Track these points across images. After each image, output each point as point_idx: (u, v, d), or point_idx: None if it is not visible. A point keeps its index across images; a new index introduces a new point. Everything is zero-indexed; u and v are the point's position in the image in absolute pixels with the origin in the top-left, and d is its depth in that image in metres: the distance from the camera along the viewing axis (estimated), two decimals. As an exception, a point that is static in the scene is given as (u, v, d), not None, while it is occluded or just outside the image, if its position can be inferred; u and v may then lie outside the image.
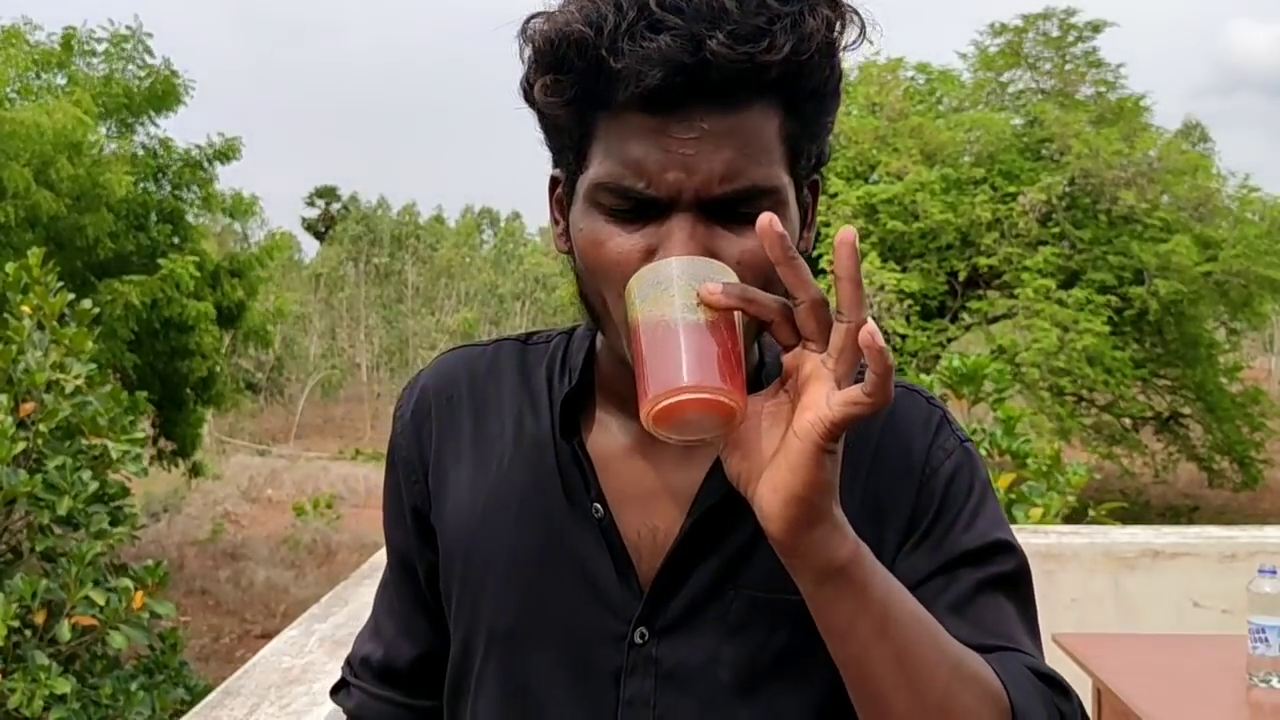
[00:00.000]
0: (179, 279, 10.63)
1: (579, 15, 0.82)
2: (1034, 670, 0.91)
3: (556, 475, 0.98)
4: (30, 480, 4.16)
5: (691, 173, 0.83)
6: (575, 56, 0.83)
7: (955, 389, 5.50)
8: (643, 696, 0.95)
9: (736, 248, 0.85)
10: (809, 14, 0.82)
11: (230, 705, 2.33)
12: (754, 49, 0.80)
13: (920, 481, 0.98)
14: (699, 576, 0.94)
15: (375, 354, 34.19)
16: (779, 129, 0.86)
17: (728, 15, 0.80)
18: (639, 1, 0.81)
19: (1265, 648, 2.60)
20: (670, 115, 0.82)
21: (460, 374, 1.07)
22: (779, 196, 0.87)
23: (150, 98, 11.69)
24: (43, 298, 4.58)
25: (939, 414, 1.02)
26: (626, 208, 0.86)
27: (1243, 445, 17.92)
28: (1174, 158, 17.60)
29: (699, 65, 0.80)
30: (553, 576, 0.97)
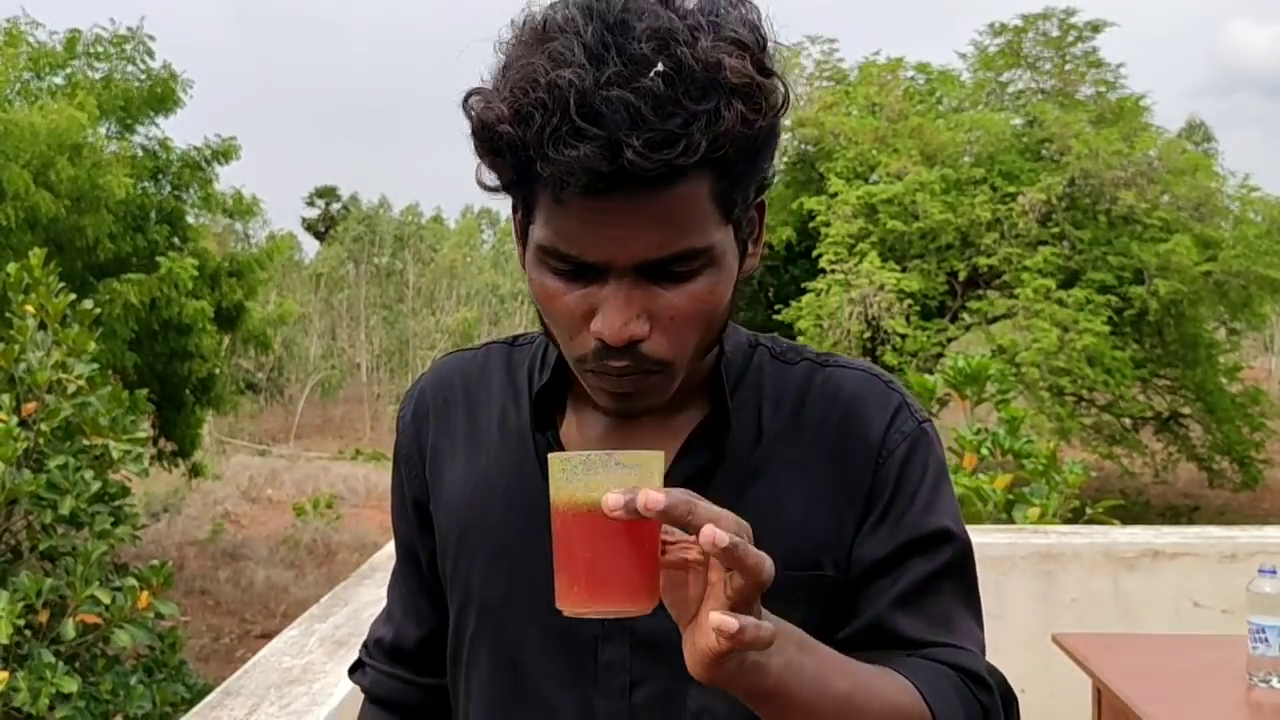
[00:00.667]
0: (178, 278, 10.63)
1: (508, 113, 0.86)
2: (959, 667, 1.00)
3: (536, 463, 1.06)
4: (34, 480, 4.17)
5: (624, 247, 0.89)
6: (506, 151, 0.88)
7: (959, 389, 5.51)
8: (619, 661, 1.03)
9: (671, 303, 0.92)
10: (724, 109, 0.84)
11: (230, 705, 2.34)
12: (669, 154, 0.83)
13: (876, 464, 1.05)
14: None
15: (375, 354, 34.20)
16: (709, 193, 0.90)
17: (644, 122, 0.83)
18: (562, 105, 0.83)
19: (1265, 648, 2.61)
20: (601, 199, 0.86)
21: (455, 377, 1.16)
22: (711, 254, 0.92)
23: (149, 99, 11.69)
24: (46, 298, 4.59)
25: (897, 398, 1.08)
26: (568, 269, 0.92)
27: (1243, 445, 17.94)
28: (1174, 158, 17.61)
29: (615, 172, 0.84)
30: (536, 554, 1.01)
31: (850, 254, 16.66)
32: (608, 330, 0.91)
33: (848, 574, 1.04)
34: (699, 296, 0.93)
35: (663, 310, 0.92)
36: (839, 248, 16.67)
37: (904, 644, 1.02)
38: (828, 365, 1.10)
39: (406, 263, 36.10)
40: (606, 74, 0.83)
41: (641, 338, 0.92)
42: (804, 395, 1.08)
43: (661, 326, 0.93)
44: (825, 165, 18.21)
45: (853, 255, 16.64)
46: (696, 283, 0.93)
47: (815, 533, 1.03)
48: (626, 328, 0.91)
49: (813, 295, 16.73)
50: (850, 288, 16.15)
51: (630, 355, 0.93)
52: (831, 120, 18.03)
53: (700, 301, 0.93)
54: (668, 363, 0.95)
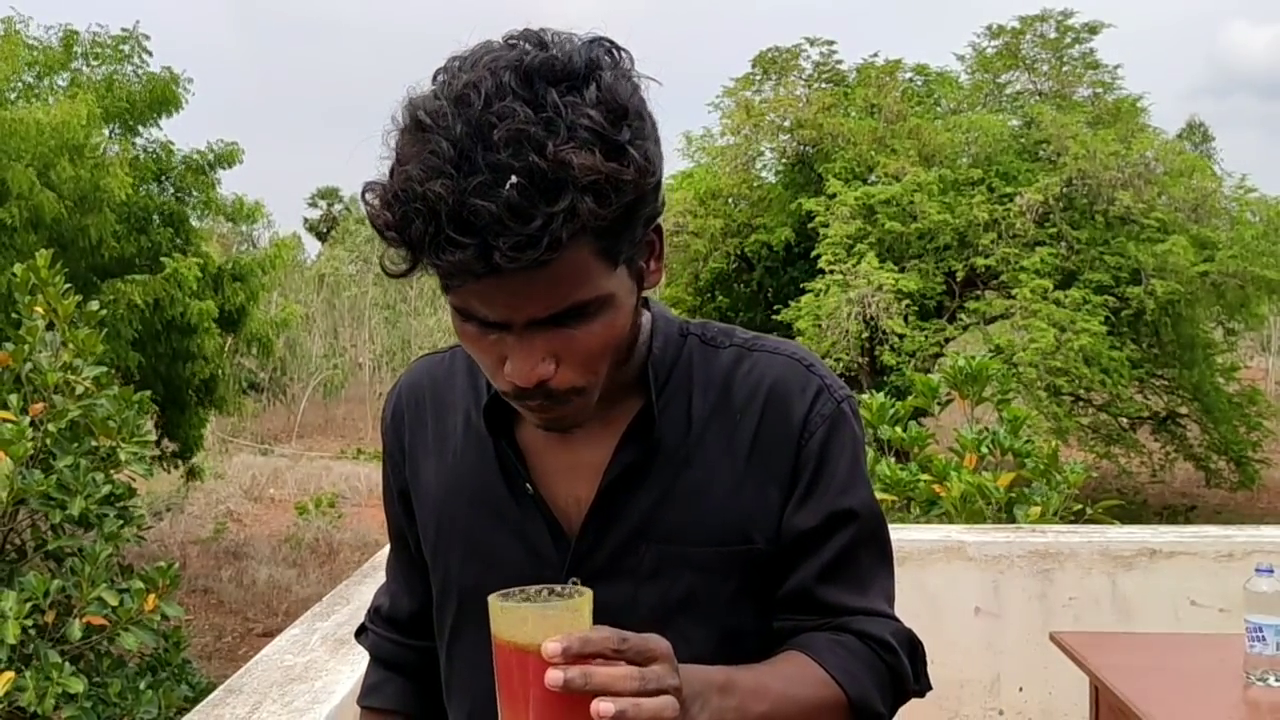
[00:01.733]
0: (182, 279, 10.64)
1: (394, 220, 0.96)
2: (867, 635, 1.15)
3: (495, 462, 1.20)
4: (44, 480, 4.19)
5: (516, 311, 0.99)
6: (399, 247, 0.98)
7: (960, 389, 5.54)
8: None
9: (574, 341, 1.02)
10: (578, 204, 0.93)
11: (233, 703, 2.35)
12: (534, 253, 0.93)
13: (799, 445, 1.16)
14: (615, 534, 1.15)
15: (377, 354, 34.17)
16: (592, 252, 0.99)
17: (508, 229, 0.92)
18: (435, 217, 0.93)
19: (1262, 646, 2.62)
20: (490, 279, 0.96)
21: (424, 380, 1.30)
22: (601, 300, 1.02)
23: (150, 101, 11.69)
24: (55, 299, 4.60)
25: (817, 381, 1.19)
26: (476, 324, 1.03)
27: (1239, 445, 17.94)
28: (1171, 159, 17.62)
29: (491, 269, 0.94)
30: (502, 544, 1.19)
31: (848, 255, 16.67)
32: (517, 377, 1.02)
33: (777, 544, 1.16)
34: (597, 334, 1.03)
35: (566, 348, 1.02)
36: (837, 248, 16.68)
37: (826, 610, 1.16)
38: (754, 350, 1.21)
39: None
40: (472, 184, 0.91)
41: (548, 377, 1.03)
42: (730, 381, 1.18)
43: (568, 362, 1.03)
44: (824, 166, 18.22)
45: (851, 256, 16.65)
46: (593, 324, 1.02)
47: (744, 510, 1.15)
48: (533, 372, 1.02)
49: (811, 296, 16.74)
50: (848, 288, 16.16)
51: (541, 394, 1.04)
52: (830, 122, 18.04)
53: (599, 338, 1.03)
54: (580, 388, 1.06)
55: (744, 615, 1.17)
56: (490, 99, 0.94)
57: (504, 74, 0.95)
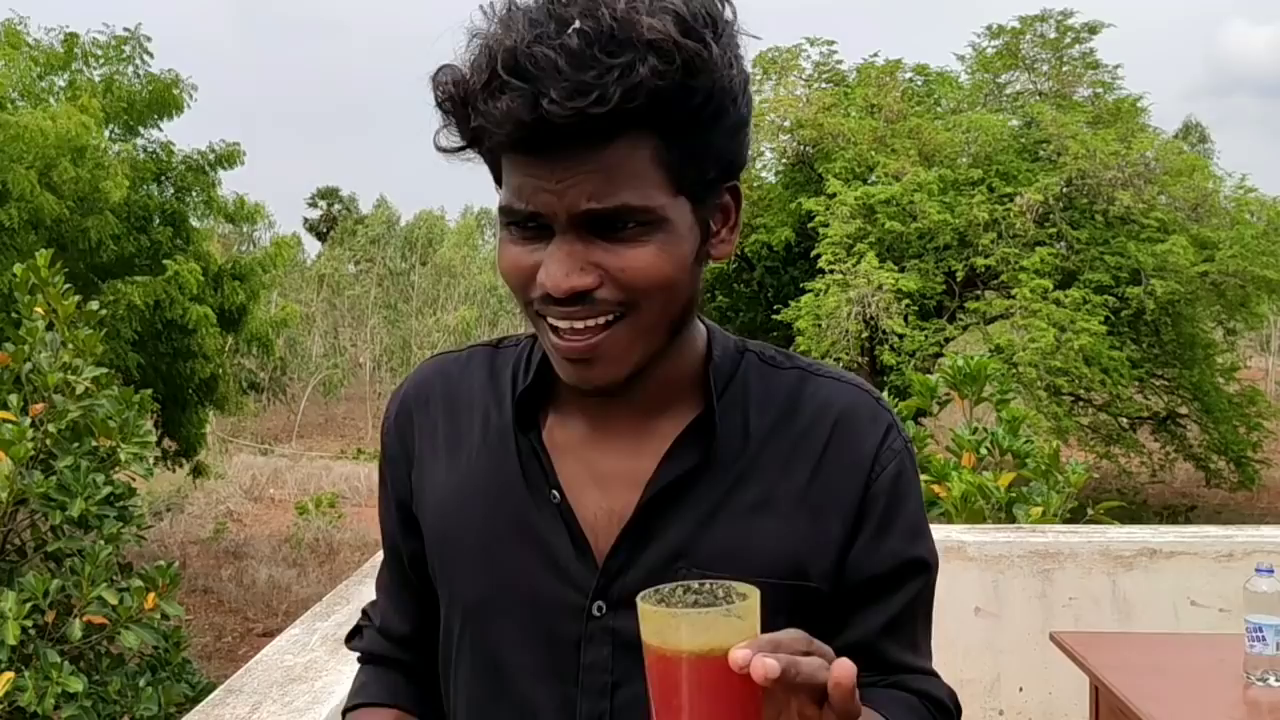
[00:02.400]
0: (182, 281, 10.65)
1: (451, 74, 0.93)
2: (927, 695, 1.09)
3: (518, 464, 1.08)
4: (44, 481, 4.19)
5: (560, 199, 0.92)
6: (450, 109, 0.95)
7: (959, 389, 5.53)
8: (601, 663, 1.04)
9: (621, 261, 0.95)
10: (639, 64, 0.88)
11: (233, 703, 2.35)
12: (582, 103, 0.87)
13: (868, 479, 1.07)
14: (651, 554, 1.03)
15: (377, 354, 34.17)
16: (653, 155, 0.93)
17: (560, 74, 0.87)
18: (490, 64, 0.90)
19: (1262, 646, 2.63)
20: (538, 154, 0.92)
21: (435, 379, 1.18)
22: (653, 215, 0.95)
23: (152, 103, 11.70)
24: (56, 299, 4.60)
25: (887, 415, 1.11)
26: (521, 230, 0.97)
27: (1239, 445, 17.94)
28: (1171, 158, 17.63)
29: (536, 121, 0.89)
30: (518, 555, 1.07)
31: (848, 254, 16.67)
32: (549, 281, 0.94)
33: (836, 586, 1.06)
34: (647, 258, 0.95)
35: (612, 265, 0.95)
36: (837, 248, 16.67)
37: (886, 667, 1.08)
38: (819, 375, 1.11)
39: (414, 264, 36.08)
40: (535, 32, 0.89)
41: (586, 288, 0.95)
42: (794, 401, 1.09)
43: (613, 280, 0.95)
44: (824, 166, 18.22)
45: (851, 256, 16.65)
46: (645, 246, 0.95)
47: (800, 540, 1.04)
48: (568, 279, 0.94)
49: (811, 295, 16.74)
50: (848, 288, 16.16)
51: (582, 302, 0.95)
52: (830, 121, 18.03)
53: (649, 262, 0.95)
54: (629, 305, 0.96)
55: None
56: None
57: None
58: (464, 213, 44.60)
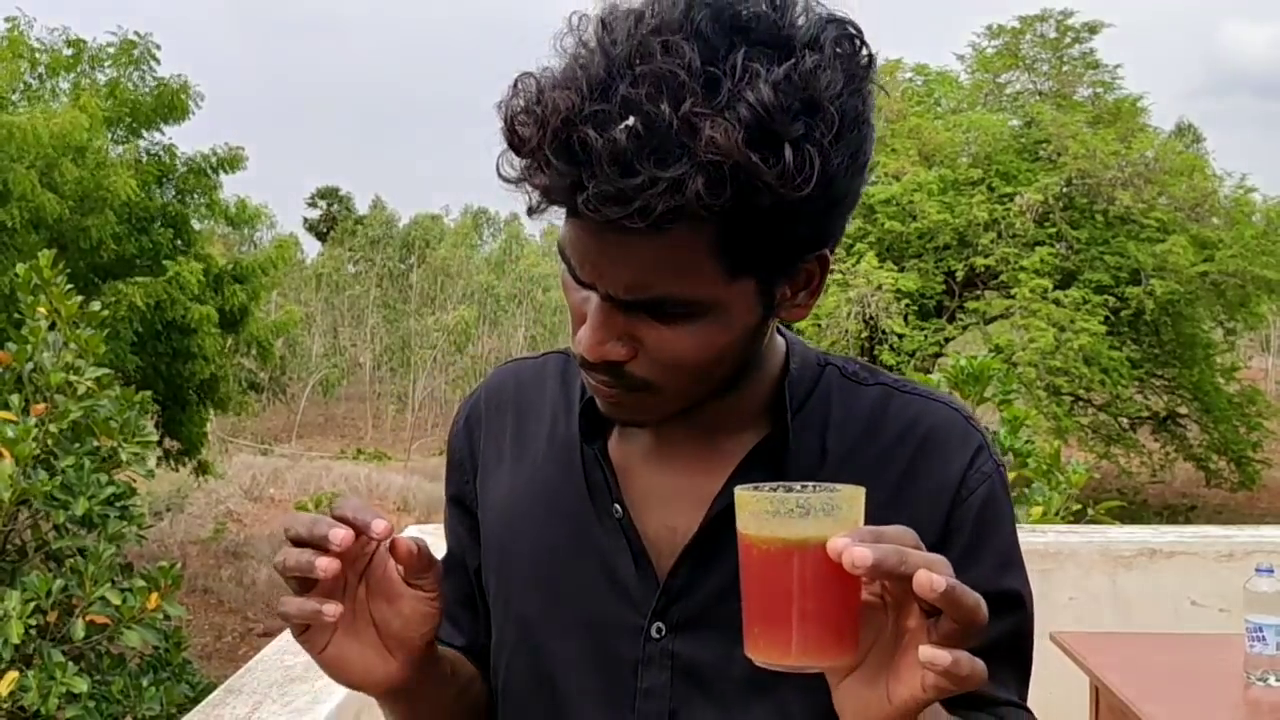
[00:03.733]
0: (184, 282, 10.67)
1: (513, 113, 0.84)
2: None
3: (582, 476, 1.04)
4: (48, 481, 4.19)
5: (601, 276, 0.86)
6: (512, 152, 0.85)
7: (961, 389, 5.54)
8: (659, 688, 0.99)
9: (661, 338, 0.88)
10: (689, 180, 0.78)
11: (233, 703, 2.35)
12: (618, 213, 0.79)
13: (954, 503, 1.00)
14: (715, 576, 0.98)
15: (377, 353, 34.18)
16: (710, 246, 0.84)
17: (602, 172, 0.79)
18: (545, 125, 0.81)
19: (1262, 646, 2.63)
20: (589, 221, 0.83)
21: (509, 383, 1.14)
22: (703, 307, 0.87)
23: (158, 107, 11.71)
24: (59, 299, 4.60)
25: (978, 436, 1.03)
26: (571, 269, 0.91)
27: (1240, 445, 17.96)
28: (1171, 158, 17.64)
29: (578, 208, 0.82)
30: (576, 571, 1.02)
31: (848, 254, 16.69)
32: (582, 345, 0.89)
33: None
34: (688, 342, 0.88)
35: (651, 341, 0.89)
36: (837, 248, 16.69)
37: (977, 702, 0.98)
38: (906, 392, 1.05)
39: (413, 265, 36.12)
40: (592, 109, 0.79)
41: (619, 360, 0.89)
42: (878, 420, 1.03)
43: (649, 354, 0.89)
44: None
45: (851, 255, 16.67)
46: (679, 330, 0.88)
47: None
48: (600, 348, 0.89)
49: (811, 295, 16.75)
50: (848, 288, 16.17)
51: (609, 372, 0.91)
52: (830, 121, 18.03)
53: (690, 346, 0.89)
54: (654, 385, 0.91)
55: None
56: (664, 29, 0.80)
57: (699, 9, 0.81)
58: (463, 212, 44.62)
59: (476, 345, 32.98)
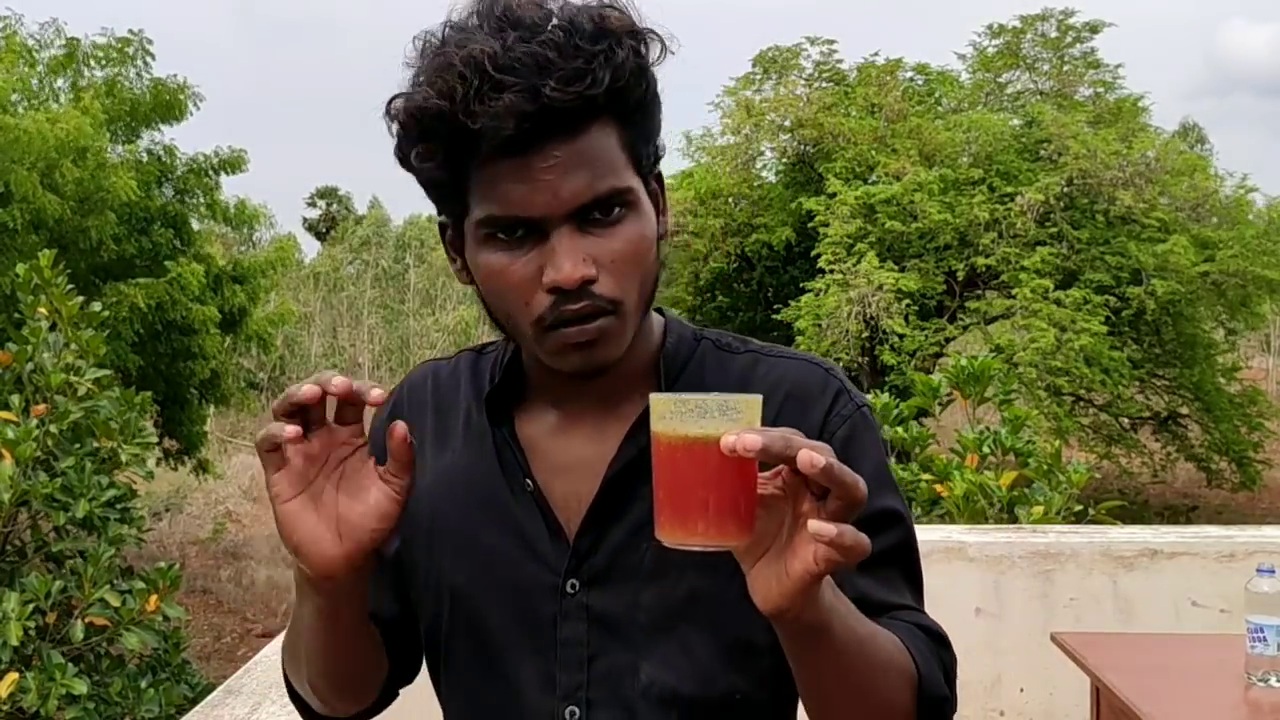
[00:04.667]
0: (185, 283, 10.67)
1: (432, 91, 0.97)
2: (922, 627, 1.10)
3: (495, 457, 1.16)
4: (48, 483, 4.20)
5: (556, 194, 1.00)
6: (437, 125, 0.99)
7: (961, 389, 5.53)
8: (576, 638, 1.11)
9: (609, 248, 1.03)
10: (617, 47, 0.99)
11: (232, 704, 2.35)
12: (581, 87, 0.97)
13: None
14: (616, 533, 1.11)
15: (376, 353, 34.21)
16: (618, 140, 1.03)
17: (553, 65, 0.96)
18: (479, 69, 0.96)
19: (1263, 647, 2.63)
20: (527, 153, 0.99)
21: (427, 382, 1.27)
22: (631, 195, 1.04)
23: (156, 107, 11.71)
24: (60, 300, 4.61)
25: (836, 382, 1.16)
26: (512, 236, 1.03)
27: (1241, 445, 17.94)
28: (1172, 158, 17.62)
29: (540, 111, 0.96)
30: (498, 541, 1.15)
31: (848, 254, 16.67)
32: (561, 275, 1.00)
33: None
34: (630, 239, 1.03)
35: (604, 255, 1.02)
36: (837, 248, 16.68)
37: (870, 607, 1.07)
38: (773, 356, 1.18)
39: (409, 266, 36.13)
40: (510, 39, 0.97)
41: (591, 278, 1.01)
42: (746, 383, 1.15)
43: (606, 269, 1.02)
44: (824, 166, 18.22)
45: (851, 255, 16.65)
46: (626, 227, 1.03)
47: None
48: (577, 269, 1.00)
49: (811, 295, 16.74)
50: (849, 288, 16.16)
51: (586, 296, 1.02)
52: (830, 121, 18.03)
53: (632, 243, 1.04)
54: (618, 301, 1.04)
55: (755, 625, 1.00)
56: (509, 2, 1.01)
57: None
58: (464, 213, 44.58)
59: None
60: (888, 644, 1.02)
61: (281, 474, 0.99)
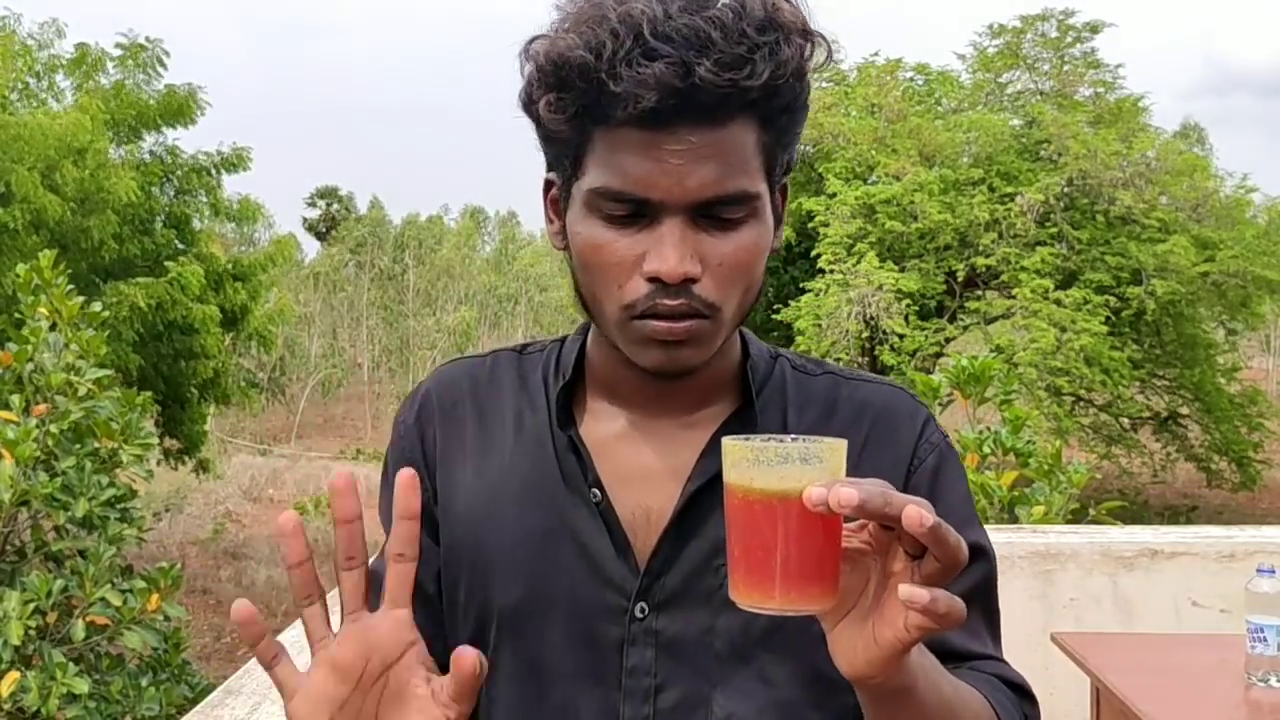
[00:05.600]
0: (186, 283, 10.67)
1: (579, 41, 0.90)
2: (1008, 681, 1.04)
3: (555, 463, 1.06)
4: (49, 483, 4.20)
5: (680, 181, 0.91)
6: (577, 78, 0.91)
7: (962, 389, 5.53)
8: (644, 666, 1.02)
9: (719, 250, 0.95)
10: (784, 43, 0.91)
11: (232, 704, 2.35)
12: (737, 75, 0.89)
13: (908, 472, 1.06)
14: (692, 553, 1.02)
15: (376, 354, 34.21)
16: (756, 141, 0.94)
17: (713, 45, 0.88)
18: (635, 30, 0.88)
19: (1264, 647, 2.63)
20: (661, 130, 0.90)
21: (462, 380, 1.15)
22: (757, 203, 0.96)
23: (162, 110, 11.71)
24: (60, 300, 4.61)
25: (924, 412, 1.10)
26: (622, 213, 0.94)
27: (1241, 445, 17.95)
28: (1172, 158, 17.62)
29: (689, 89, 0.88)
30: (556, 557, 1.04)
31: (849, 254, 16.68)
32: (664, 266, 0.92)
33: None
34: (745, 247, 0.95)
35: (711, 256, 0.94)
36: (837, 248, 16.68)
37: (950, 655, 1.00)
38: (852, 379, 1.12)
39: (408, 266, 36.13)
40: (673, 6, 0.89)
41: (695, 277, 0.93)
42: (832, 403, 1.09)
43: (711, 271, 0.94)
44: (824, 166, 18.22)
45: (851, 255, 16.66)
46: (743, 232, 0.95)
47: None
48: (682, 264, 0.92)
49: (811, 295, 16.75)
50: (849, 288, 16.16)
51: (684, 294, 0.94)
52: (830, 121, 18.03)
53: (746, 252, 0.96)
54: (717, 308, 0.96)
55: None
56: None
57: None
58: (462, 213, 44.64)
59: (476, 346, 33.01)
60: (973, 703, 0.95)
61: (300, 696, 0.86)
